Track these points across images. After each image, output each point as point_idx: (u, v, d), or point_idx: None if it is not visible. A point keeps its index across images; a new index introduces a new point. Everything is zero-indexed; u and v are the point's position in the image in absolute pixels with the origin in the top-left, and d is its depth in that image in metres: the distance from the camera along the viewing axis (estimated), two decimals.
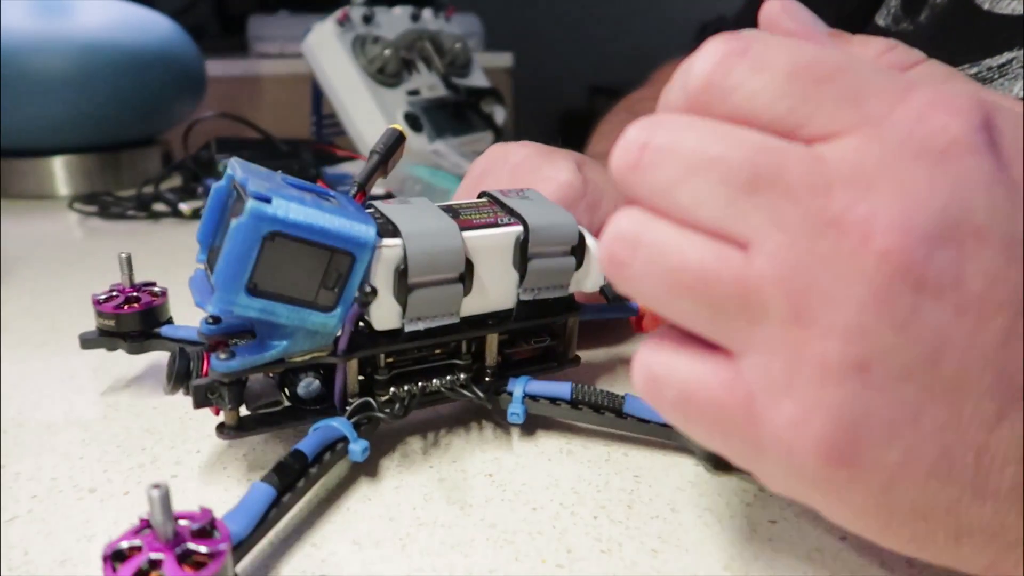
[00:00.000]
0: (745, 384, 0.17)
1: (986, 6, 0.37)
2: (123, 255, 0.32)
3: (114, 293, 0.31)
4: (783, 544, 0.23)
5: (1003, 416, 0.16)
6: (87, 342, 0.31)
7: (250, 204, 0.22)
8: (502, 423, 0.30)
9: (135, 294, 0.31)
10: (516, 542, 0.23)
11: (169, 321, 0.32)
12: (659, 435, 0.28)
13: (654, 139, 0.17)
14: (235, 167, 0.24)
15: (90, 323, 0.41)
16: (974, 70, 0.36)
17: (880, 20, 0.46)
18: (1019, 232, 0.16)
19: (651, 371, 0.18)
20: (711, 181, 0.16)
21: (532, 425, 0.29)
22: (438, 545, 0.23)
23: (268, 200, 0.22)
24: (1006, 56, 0.35)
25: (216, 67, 0.97)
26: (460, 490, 0.26)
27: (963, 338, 0.16)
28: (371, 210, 0.26)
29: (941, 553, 0.18)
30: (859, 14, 0.48)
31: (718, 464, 0.26)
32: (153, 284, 0.32)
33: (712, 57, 0.17)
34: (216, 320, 0.25)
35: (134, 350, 0.31)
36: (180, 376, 0.25)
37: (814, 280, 0.16)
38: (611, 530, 0.24)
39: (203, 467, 0.27)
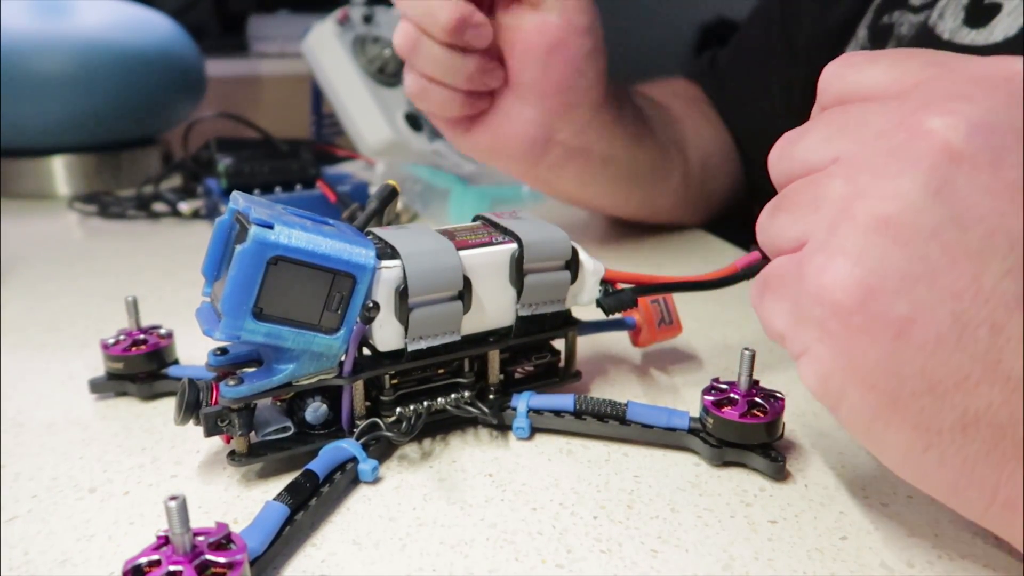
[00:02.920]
0: (800, 255, 0.20)
1: (946, 36, 0.39)
2: (129, 299, 0.32)
3: (121, 337, 0.32)
4: (783, 544, 0.23)
5: None
6: (96, 386, 0.32)
7: (253, 230, 0.23)
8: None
9: (142, 337, 0.32)
10: (516, 542, 0.23)
11: (175, 362, 0.33)
12: (663, 439, 0.28)
13: (784, 136, 0.23)
14: (237, 199, 0.25)
15: (89, 323, 0.41)
16: None
17: (849, 52, 0.47)
18: None
19: (759, 276, 0.23)
20: (814, 135, 0.22)
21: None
22: (438, 545, 0.23)
23: (271, 226, 0.23)
24: None
25: (216, 67, 0.97)
26: (460, 490, 0.26)
27: (993, 215, 0.18)
28: (370, 236, 0.27)
29: (946, 458, 0.19)
30: (828, 45, 0.49)
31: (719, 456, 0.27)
32: (159, 327, 0.33)
33: (841, 62, 0.23)
34: (223, 351, 0.26)
35: (143, 392, 0.32)
36: (190, 407, 0.25)
37: (871, 162, 0.19)
38: (611, 530, 0.24)
39: (203, 467, 0.27)
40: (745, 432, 0.26)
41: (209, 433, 0.25)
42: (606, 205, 0.54)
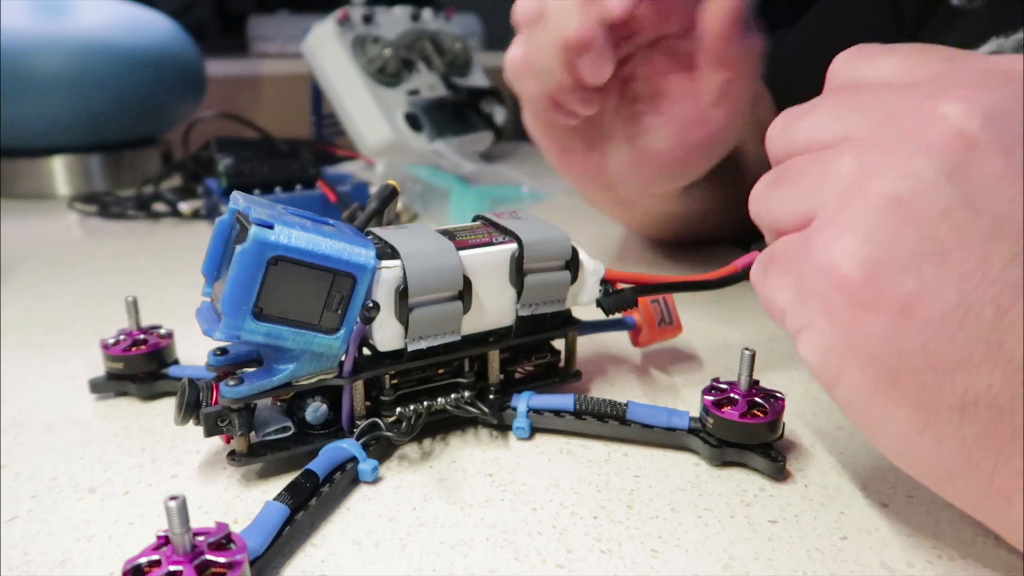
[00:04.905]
0: (807, 232, 0.21)
1: None
2: (129, 299, 0.32)
3: (121, 337, 0.32)
4: (783, 544, 0.23)
5: None
6: (96, 387, 0.32)
7: (253, 230, 0.23)
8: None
9: (142, 336, 0.32)
10: (516, 542, 0.23)
11: (175, 362, 0.33)
12: (663, 439, 0.28)
13: (789, 110, 0.23)
14: (237, 199, 0.25)
15: (89, 323, 0.41)
16: None
17: (954, 0, 0.46)
18: None
19: (764, 255, 0.23)
20: (824, 110, 0.22)
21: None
22: (438, 545, 0.23)
23: (271, 226, 0.23)
24: None
25: (216, 67, 0.97)
26: (460, 490, 0.26)
27: (1004, 200, 0.18)
28: (370, 236, 0.27)
29: (943, 439, 0.19)
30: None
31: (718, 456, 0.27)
32: (159, 327, 0.33)
33: (855, 53, 0.23)
34: (223, 351, 0.26)
35: (143, 392, 0.32)
36: (190, 407, 0.25)
37: (883, 142, 0.19)
38: (611, 530, 0.24)
39: (203, 467, 0.27)
40: (745, 432, 0.26)
41: (209, 433, 0.25)
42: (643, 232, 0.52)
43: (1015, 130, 0.18)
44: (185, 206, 0.63)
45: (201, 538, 0.20)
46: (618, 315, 0.32)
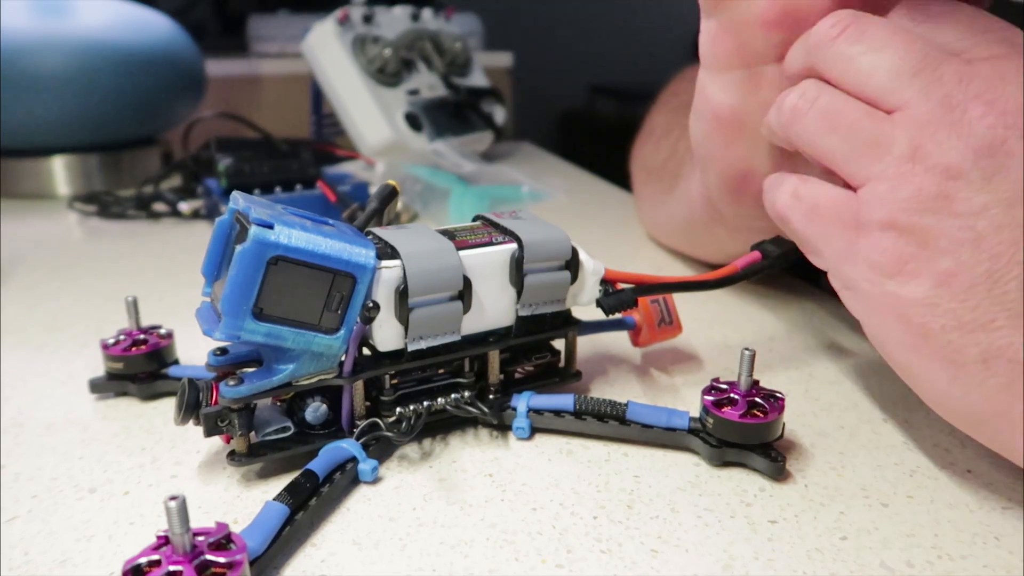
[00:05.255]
0: (857, 201, 0.23)
1: None
2: (129, 299, 0.32)
3: (121, 337, 0.32)
4: (783, 544, 0.23)
5: None
6: (96, 387, 0.32)
7: (253, 230, 0.23)
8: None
9: (142, 337, 0.32)
10: (516, 542, 0.23)
11: (175, 362, 0.33)
12: (663, 439, 0.28)
13: (857, 20, 0.24)
14: (237, 199, 0.25)
15: (89, 323, 0.41)
16: None
17: None
18: None
19: (796, 190, 0.25)
20: (888, 59, 0.23)
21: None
22: (438, 545, 0.23)
23: (271, 226, 0.23)
24: None
25: (216, 67, 0.97)
26: (460, 490, 0.26)
27: None
28: (370, 236, 0.27)
29: (970, 389, 0.21)
30: None
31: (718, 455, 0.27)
32: (159, 327, 0.33)
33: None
34: (223, 351, 0.26)
35: (143, 392, 0.32)
36: (190, 407, 0.25)
37: (936, 133, 0.21)
38: (611, 530, 0.24)
39: (203, 467, 0.27)
40: (745, 432, 0.26)
41: (209, 433, 0.25)
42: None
43: None
44: (185, 206, 0.63)
45: (201, 538, 0.20)
46: (618, 315, 0.32)
